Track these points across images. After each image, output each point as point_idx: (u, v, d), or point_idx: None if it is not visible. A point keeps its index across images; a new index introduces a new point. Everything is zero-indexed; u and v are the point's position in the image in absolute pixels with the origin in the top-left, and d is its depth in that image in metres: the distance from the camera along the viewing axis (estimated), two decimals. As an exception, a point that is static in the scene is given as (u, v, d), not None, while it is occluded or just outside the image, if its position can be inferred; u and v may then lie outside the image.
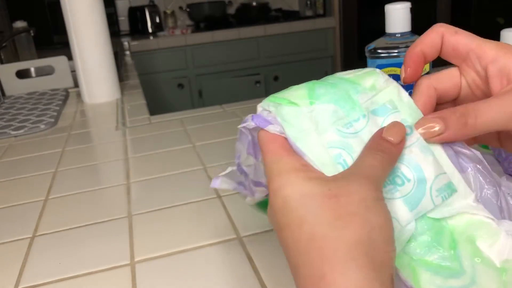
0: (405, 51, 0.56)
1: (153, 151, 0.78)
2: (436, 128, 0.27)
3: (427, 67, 0.57)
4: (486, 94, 0.30)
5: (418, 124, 0.28)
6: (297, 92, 0.31)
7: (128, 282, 0.43)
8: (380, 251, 0.23)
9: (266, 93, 2.72)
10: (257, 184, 0.35)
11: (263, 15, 2.81)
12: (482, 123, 0.27)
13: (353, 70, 0.33)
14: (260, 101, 0.31)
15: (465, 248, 0.27)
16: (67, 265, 0.47)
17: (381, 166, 0.26)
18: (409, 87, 0.52)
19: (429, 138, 0.28)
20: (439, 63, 0.41)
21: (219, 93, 2.63)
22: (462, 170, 0.29)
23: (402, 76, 0.32)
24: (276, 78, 2.71)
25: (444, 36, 0.30)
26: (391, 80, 0.31)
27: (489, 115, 0.27)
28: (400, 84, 0.31)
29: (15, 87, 1.35)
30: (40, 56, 2.01)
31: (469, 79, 0.31)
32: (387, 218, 0.24)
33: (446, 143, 0.29)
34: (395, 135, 0.27)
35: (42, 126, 0.99)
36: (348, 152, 0.28)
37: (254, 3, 2.89)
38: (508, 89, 0.28)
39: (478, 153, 0.29)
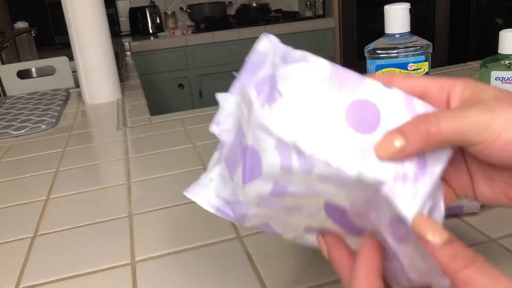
0: (404, 52, 0.57)
1: (153, 151, 0.78)
2: (396, 143, 0.25)
3: (426, 67, 0.57)
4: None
5: (377, 146, 0.25)
6: None
7: (128, 281, 0.44)
8: None
9: (266, 93, 2.72)
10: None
11: (263, 15, 2.82)
12: (446, 129, 0.25)
13: None
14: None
15: None
16: (68, 265, 0.47)
17: None
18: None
19: (392, 158, 0.25)
20: (438, 64, 0.41)
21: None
22: None
23: None
24: (276, 79, 2.72)
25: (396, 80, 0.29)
26: None
27: (453, 121, 0.25)
28: None
29: (16, 87, 1.36)
30: (41, 56, 2.01)
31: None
32: None
33: None
34: None
35: (43, 126, 0.99)
36: None
37: (254, 4, 2.90)
38: (470, 103, 0.26)
39: None
